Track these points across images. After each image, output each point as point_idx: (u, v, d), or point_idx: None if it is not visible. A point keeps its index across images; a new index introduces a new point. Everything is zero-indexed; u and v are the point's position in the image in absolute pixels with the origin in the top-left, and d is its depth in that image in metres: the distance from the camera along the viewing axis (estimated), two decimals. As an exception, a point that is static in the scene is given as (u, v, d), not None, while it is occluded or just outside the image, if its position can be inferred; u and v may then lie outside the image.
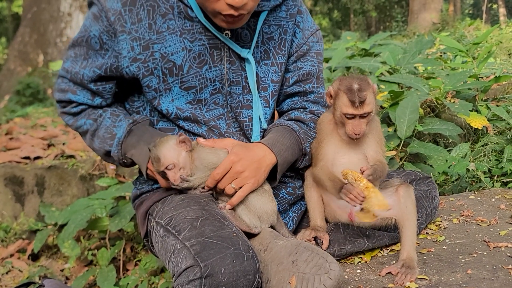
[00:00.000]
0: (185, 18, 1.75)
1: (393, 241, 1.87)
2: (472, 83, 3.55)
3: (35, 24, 10.73)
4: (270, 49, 1.88)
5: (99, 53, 1.78)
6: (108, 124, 1.85)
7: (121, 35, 1.72)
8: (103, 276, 3.11)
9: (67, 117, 1.94)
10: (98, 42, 1.75)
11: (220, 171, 1.72)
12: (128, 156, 1.82)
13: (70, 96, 1.86)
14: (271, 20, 1.87)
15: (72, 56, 1.83)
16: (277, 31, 1.89)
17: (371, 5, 24.25)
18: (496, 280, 1.55)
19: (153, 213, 1.82)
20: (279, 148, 1.81)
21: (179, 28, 1.75)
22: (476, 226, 2.00)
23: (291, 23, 1.90)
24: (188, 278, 1.44)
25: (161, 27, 1.74)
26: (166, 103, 1.81)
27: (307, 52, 1.96)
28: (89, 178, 3.94)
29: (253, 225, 1.77)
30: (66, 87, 1.87)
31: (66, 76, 1.86)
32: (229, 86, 1.83)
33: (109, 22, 1.72)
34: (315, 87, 2.00)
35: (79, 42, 1.80)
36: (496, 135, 3.34)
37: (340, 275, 1.48)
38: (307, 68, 1.96)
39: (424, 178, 2.06)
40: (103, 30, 1.73)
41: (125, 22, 1.72)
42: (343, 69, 4.36)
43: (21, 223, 3.86)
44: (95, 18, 1.74)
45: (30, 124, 5.46)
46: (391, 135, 3.14)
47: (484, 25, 11.28)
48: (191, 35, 1.76)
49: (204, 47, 1.77)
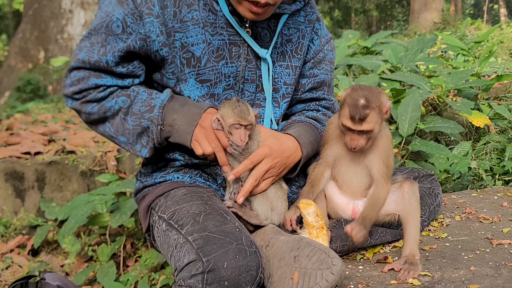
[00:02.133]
0: (209, 11, 1.76)
1: (395, 237, 1.87)
2: (474, 81, 3.55)
3: (36, 20, 10.71)
4: (287, 51, 1.91)
5: (120, 37, 1.71)
6: (145, 98, 1.75)
7: (147, 17, 1.70)
8: (103, 272, 3.11)
9: (89, 106, 1.78)
10: (121, 25, 1.70)
11: (251, 163, 1.72)
12: (168, 123, 1.72)
13: (95, 80, 1.75)
14: (290, 23, 1.91)
15: (88, 46, 1.74)
16: (296, 35, 1.92)
17: (372, 4, 24.23)
18: (499, 277, 1.54)
19: (156, 207, 1.82)
20: (304, 141, 1.85)
21: (202, 20, 1.75)
22: (478, 224, 2.00)
23: (309, 28, 1.95)
24: (190, 273, 1.44)
25: (186, 17, 1.74)
26: (186, 91, 1.80)
27: (323, 59, 2.01)
28: (89, 174, 3.93)
29: (264, 217, 1.77)
30: (86, 74, 1.75)
31: (83, 66, 1.75)
32: (243, 83, 1.85)
33: (135, 5, 1.69)
34: (325, 94, 2.07)
35: (97, 29, 1.72)
36: (497, 134, 3.34)
37: (342, 270, 1.48)
38: (321, 76, 2.02)
39: (427, 176, 2.05)
40: (128, 12, 1.69)
41: (153, 5, 1.70)
42: (344, 67, 4.35)
43: (21, 218, 3.85)
44: (119, 2, 1.70)
45: (31, 119, 5.44)
46: (392, 133, 3.14)
47: (485, 25, 11.28)
48: (213, 28, 1.76)
49: (224, 42, 1.78)
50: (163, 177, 1.89)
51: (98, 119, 1.79)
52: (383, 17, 25.90)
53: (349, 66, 4.44)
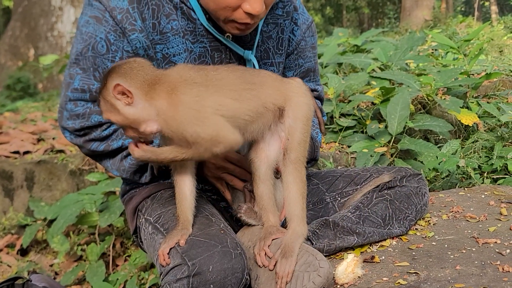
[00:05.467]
0: (188, 19, 1.72)
1: (382, 237, 1.87)
2: (463, 80, 3.56)
3: (26, 18, 10.64)
4: (270, 48, 1.89)
5: (107, 57, 1.67)
6: None
7: (132, 34, 1.66)
8: (93, 271, 3.10)
9: (94, 144, 1.73)
10: (105, 44, 1.65)
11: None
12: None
13: (98, 118, 1.68)
14: (269, 18, 1.87)
15: (79, 72, 1.67)
16: (275, 30, 1.89)
17: (364, 1, 24.27)
18: (484, 276, 1.55)
19: (143, 209, 1.81)
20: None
21: (182, 29, 1.72)
22: (465, 222, 2.00)
23: (287, 21, 1.91)
24: (175, 277, 1.44)
25: (165, 28, 1.70)
26: None
27: (305, 48, 1.98)
28: (78, 173, 3.91)
29: (281, 205, 1.74)
30: (86, 110, 1.69)
31: (81, 97, 1.68)
32: None
33: (115, 21, 1.64)
34: (311, 81, 2.05)
35: (84, 53, 1.67)
36: (486, 132, 3.36)
37: (330, 272, 1.48)
38: (306, 65, 2.01)
39: (414, 175, 2.05)
40: (110, 30, 1.65)
41: (134, 20, 1.66)
42: (334, 65, 4.36)
43: (10, 218, 3.83)
44: (98, 21, 1.65)
45: (20, 118, 5.41)
46: (382, 131, 3.15)
47: (476, 22, 11.33)
48: (193, 36, 1.74)
49: (205, 49, 1.76)
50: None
51: (103, 155, 1.78)
52: (374, 14, 25.95)
53: (339, 65, 4.45)
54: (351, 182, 1.98)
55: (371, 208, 1.83)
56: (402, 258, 1.73)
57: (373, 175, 1.96)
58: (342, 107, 3.43)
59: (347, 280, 1.60)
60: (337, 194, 1.99)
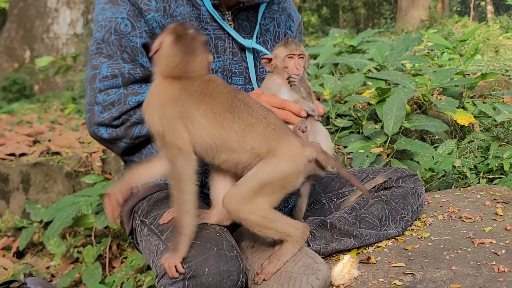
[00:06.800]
0: (192, 6, 1.77)
1: (378, 239, 1.87)
2: (458, 80, 3.57)
3: (22, 19, 10.60)
4: (268, 40, 1.96)
5: (134, 34, 1.68)
6: None
7: (148, 14, 1.69)
8: (89, 273, 3.09)
9: (136, 129, 1.69)
10: (129, 22, 1.67)
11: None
12: None
13: (134, 98, 1.65)
14: (266, 13, 1.95)
15: (104, 61, 1.66)
16: (271, 24, 1.96)
17: (360, 1, 24.28)
18: (480, 276, 1.55)
19: (138, 210, 1.81)
20: None
21: (188, 15, 1.76)
22: (461, 223, 2.00)
23: (283, 16, 1.99)
24: (171, 280, 1.43)
25: (175, 11, 1.74)
26: None
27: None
28: (74, 175, 3.90)
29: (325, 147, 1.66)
30: (120, 95, 1.66)
31: (113, 84, 1.66)
32: (231, 77, 1.87)
33: (131, 2, 1.68)
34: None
35: (106, 39, 1.67)
36: (482, 132, 3.36)
37: (328, 276, 1.48)
38: None
39: (410, 176, 2.05)
40: (129, 9, 1.68)
41: (149, 1, 1.69)
42: (330, 66, 4.36)
43: (6, 220, 3.82)
44: (115, 3, 1.68)
45: (16, 120, 5.40)
46: (378, 131, 3.15)
47: (472, 22, 11.35)
48: (198, 23, 1.78)
49: (209, 37, 1.80)
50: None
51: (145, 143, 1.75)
52: (371, 14, 25.96)
53: (335, 65, 4.45)
54: (347, 183, 1.99)
55: (367, 209, 1.83)
56: (398, 259, 1.73)
57: (369, 176, 1.96)
58: (338, 108, 3.43)
59: (343, 281, 1.60)
60: (333, 195, 2.00)
